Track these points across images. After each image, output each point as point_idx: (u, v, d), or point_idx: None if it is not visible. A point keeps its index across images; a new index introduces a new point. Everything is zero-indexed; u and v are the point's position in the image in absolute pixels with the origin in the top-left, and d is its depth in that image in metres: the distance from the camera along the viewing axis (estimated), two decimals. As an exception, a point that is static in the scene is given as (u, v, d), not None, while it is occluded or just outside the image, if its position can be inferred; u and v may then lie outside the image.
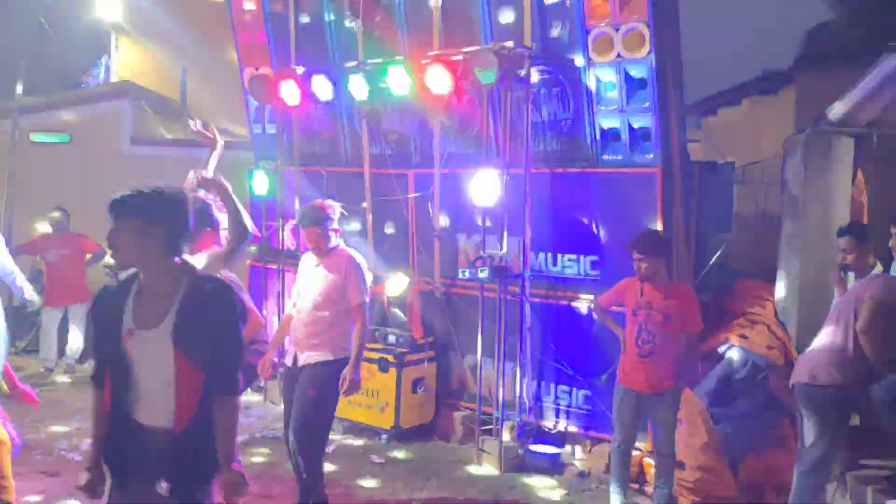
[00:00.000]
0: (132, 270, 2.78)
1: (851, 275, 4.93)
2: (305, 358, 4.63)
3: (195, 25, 11.31)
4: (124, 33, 13.49)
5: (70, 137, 10.05)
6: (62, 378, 8.21)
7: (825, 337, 4.51)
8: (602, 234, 6.04)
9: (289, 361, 4.74)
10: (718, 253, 6.13)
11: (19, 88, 9.32)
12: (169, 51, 11.98)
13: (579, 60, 5.88)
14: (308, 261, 4.84)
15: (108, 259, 5.88)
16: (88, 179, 9.16)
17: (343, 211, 5.03)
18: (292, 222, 7.50)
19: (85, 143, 9.98)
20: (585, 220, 6.11)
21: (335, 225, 4.77)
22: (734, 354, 5.66)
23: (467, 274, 5.95)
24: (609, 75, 5.77)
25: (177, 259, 2.73)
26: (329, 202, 4.87)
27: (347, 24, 6.98)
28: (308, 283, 4.73)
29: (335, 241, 4.75)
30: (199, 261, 3.46)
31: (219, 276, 3.71)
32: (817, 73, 9.27)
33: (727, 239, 6.86)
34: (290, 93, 7.04)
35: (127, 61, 13.37)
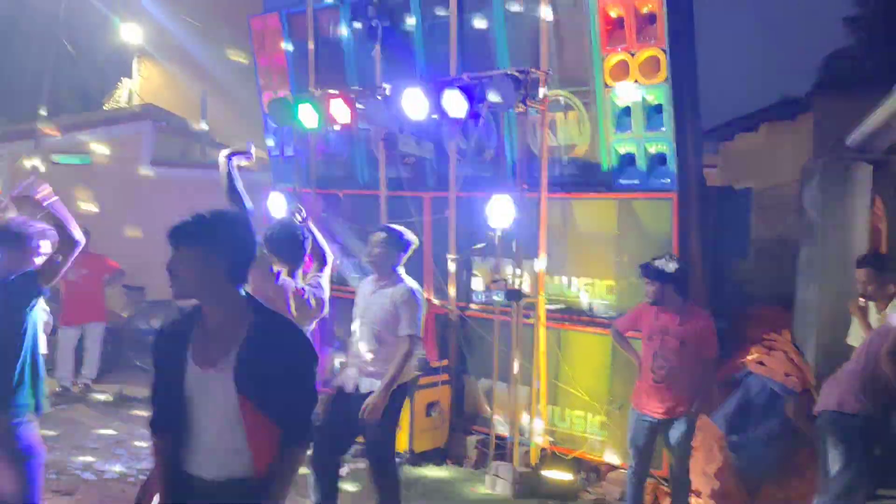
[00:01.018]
0: (194, 302, 2.58)
1: (872, 304, 4.88)
2: (368, 385, 4.62)
3: (216, 48, 11.46)
4: (147, 56, 13.72)
5: (91, 159, 10.19)
6: (78, 397, 8.26)
7: (853, 365, 4.45)
8: (618, 258, 6.01)
9: (349, 387, 4.72)
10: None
11: (42, 111, 9.48)
12: (190, 74, 12.14)
13: (596, 85, 5.90)
14: (367, 286, 4.85)
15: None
16: (108, 200, 9.28)
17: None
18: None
19: (106, 165, 10.11)
20: (602, 245, 6.09)
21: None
22: (752, 381, 5.60)
23: (482, 297, 5.94)
24: (625, 100, 5.77)
25: (241, 290, 2.54)
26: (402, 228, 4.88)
27: (365, 22, 6.92)
28: (367, 309, 4.73)
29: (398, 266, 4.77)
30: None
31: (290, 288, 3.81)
32: (835, 99, 9.24)
33: (745, 264, 6.82)
34: (307, 116, 7.10)
35: (149, 84, 13.58)
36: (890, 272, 4.84)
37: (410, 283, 4.72)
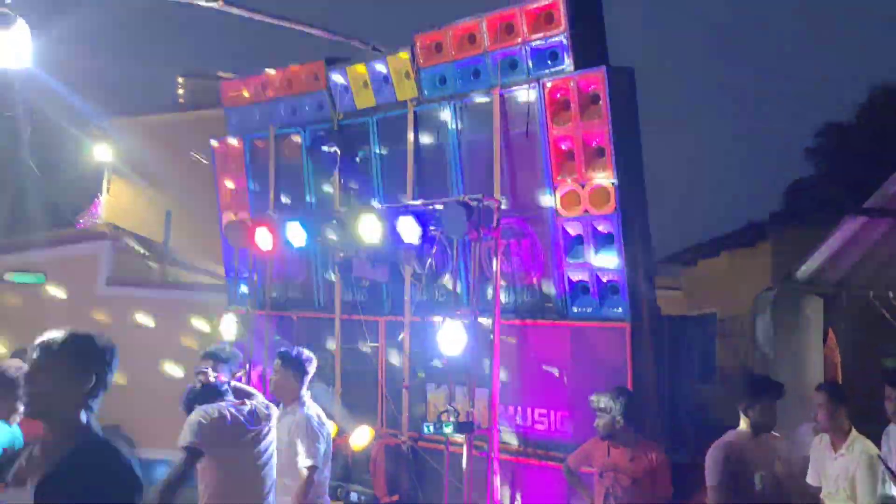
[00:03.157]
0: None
1: (826, 437, 4.75)
2: None
3: (183, 168, 11.59)
4: (117, 175, 13.83)
5: (45, 277, 10.03)
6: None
7: None
8: (573, 389, 5.87)
9: None
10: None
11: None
12: (156, 192, 12.21)
13: (547, 214, 5.94)
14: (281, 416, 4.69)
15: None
16: (62, 320, 9.03)
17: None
18: (260, 368, 7.33)
19: (60, 284, 9.95)
20: (556, 374, 5.96)
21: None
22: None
23: (431, 429, 5.72)
24: (577, 229, 5.80)
25: (83, 417, 2.51)
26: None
27: (325, 148, 7.04)
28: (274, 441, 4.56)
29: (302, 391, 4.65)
30: None
31: None
32: (793, 228, 9.43)
33: (709, 391, 6.68)
34: (263, 238, 7.06)
35: (117, 202, 13.61)
36: (845, 403, 4.74)
37: (311, 409, 4.59)
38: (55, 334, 2.53)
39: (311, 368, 4.74)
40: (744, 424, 4.46)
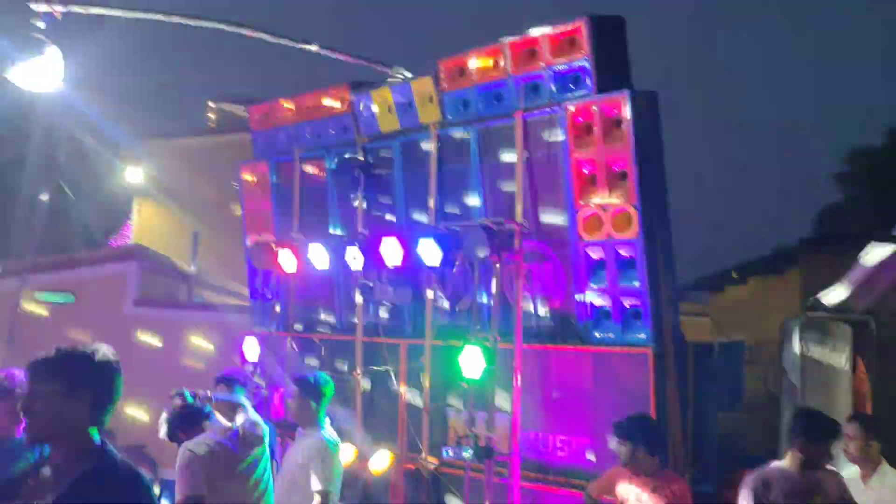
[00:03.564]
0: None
1: (854, 469, 4.62)
2: None
3: (211, 191, 11.74)
4: (148, 197, 14.05)
5: (74, 297, 10.18)
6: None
7: None
8: (595, 415, 5.78)
9: None
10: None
11: (31, 249, 9.59)
12: (184, 214, 12.38)
13: (569, 238, 5.90)
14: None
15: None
16: (89, 339, 9.14)
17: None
18: (282, 390, 7.33)
19: (88, 304, 10.09)
20: (578, 400, 5.88)
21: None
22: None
23: (451, 454, 5.68)
24: (599, 253, 5.75)
25: (94, 435, 2.45)
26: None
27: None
28: (283, 465, 4.55)
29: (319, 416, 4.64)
30: None
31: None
32: (822, 255, 9.28)
33: (737, 419, 6.55)
34: (287, 260, 7.11)
35: (146, 223, 13.82)
36: (877, 435, 4.61)
37: (328, 434, 4.56)
38: (41, 355, 2.47)
39: (329, 391, 4.73)
40: (790, 458, 4.32)
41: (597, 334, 5.82)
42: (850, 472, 4.67)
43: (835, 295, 5.36)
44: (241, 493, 4.31)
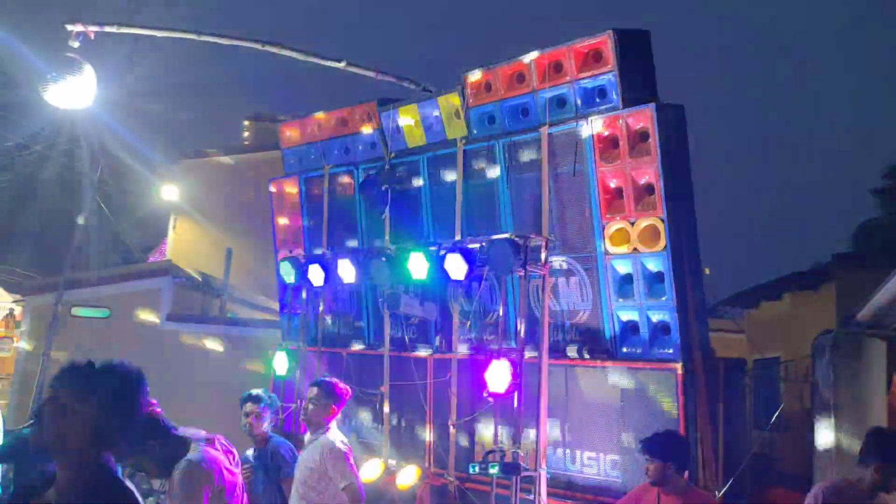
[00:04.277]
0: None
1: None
2: None
3: (244, 207, 11.90)
4: (184, 214, 14.31)
5: (109, 312, 10.38)
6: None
7: None
8: (623, 431, 5.71)
9: None
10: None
11: (68, 265, 9.80)
12: (218, 231, 12.56)
13: (596, 252, 5.86)
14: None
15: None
16: (124, 353, 9.30)
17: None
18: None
19: (123, 318, 10.28)
20: (605, 416, 5.81)
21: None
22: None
23: (477, 469, 5.63)
24: (626, 267, 5.71)
25: (103, 457, 2.28)
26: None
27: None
28: (297, 469, 4.61)
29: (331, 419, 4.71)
30: None
31: None
32: (857, 271, 9.08)
33: (773, 437, 6.40)
34: (316, 275, 7.16)
35: (182, 240, 14.06)
36: None
37: (333, 434, 4.61)
38: (64, 364, 2.36)
39: (346, 399, 4.80)
40: (861, 476, 4.14)
41: (624, 349, 5.77)
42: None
43: (868, 310, 5.23)
44: None
